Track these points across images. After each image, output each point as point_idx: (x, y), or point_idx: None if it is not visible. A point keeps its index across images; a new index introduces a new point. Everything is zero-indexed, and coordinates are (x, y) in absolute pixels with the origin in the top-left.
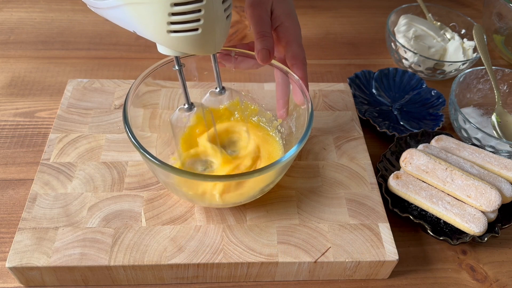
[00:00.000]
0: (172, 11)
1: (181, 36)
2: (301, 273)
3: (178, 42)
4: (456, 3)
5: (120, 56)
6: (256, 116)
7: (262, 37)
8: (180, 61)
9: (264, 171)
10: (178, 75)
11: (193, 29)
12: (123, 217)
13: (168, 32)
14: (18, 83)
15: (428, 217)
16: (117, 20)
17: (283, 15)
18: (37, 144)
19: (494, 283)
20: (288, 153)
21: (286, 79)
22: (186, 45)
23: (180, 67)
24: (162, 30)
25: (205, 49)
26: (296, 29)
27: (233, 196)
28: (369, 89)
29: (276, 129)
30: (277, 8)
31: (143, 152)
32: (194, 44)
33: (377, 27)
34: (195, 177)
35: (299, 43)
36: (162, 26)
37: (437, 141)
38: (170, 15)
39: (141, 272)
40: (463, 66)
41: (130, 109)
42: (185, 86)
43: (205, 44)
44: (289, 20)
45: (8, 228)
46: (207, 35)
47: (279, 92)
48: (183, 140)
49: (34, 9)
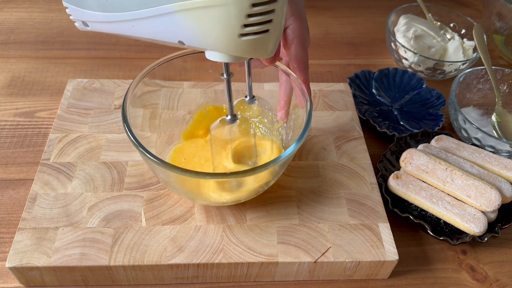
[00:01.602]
0: (250, 12)
1: (252, 39)
2: (301, 273)
3: (245, 46)
4: (456, 3)
5: (120, 56)
6: (258, 117)
7: None
8: (229, 69)
9: (262, 169)
10: (225, 84)
11: (265, 31)
12: (123, 217)
13: (239, 36)
14: (18, 83)
15: (428, 217)
16: (151, 32)
17: (292, 17)
18: (37, 144)
19: (494, 283)
20: (287, 151)
21: (289, 81)
22: (251, 48)
23: (229, 76)
24: (233, 34)
25: (266, 51)
26: (304, 32)
27: (232, 194)
28: (369, 89)
29: (277, 131)
30: (288, 9)
31: (142, 150)
32: (260, 47)
33: (377, 27)
34: (194, 175)
35: (304, 47)
36: (234, 29)
37: (437, 141)
38: (247, 16)
39: (141, 272)
40: (463, 66)
41: (129, 108)
42: (231, 96)
43: (268, 45)
44: (298, 22)
45: (8, 228)
46: (274, 35)
47: (281, 92)
48: None
49: (34, 9)
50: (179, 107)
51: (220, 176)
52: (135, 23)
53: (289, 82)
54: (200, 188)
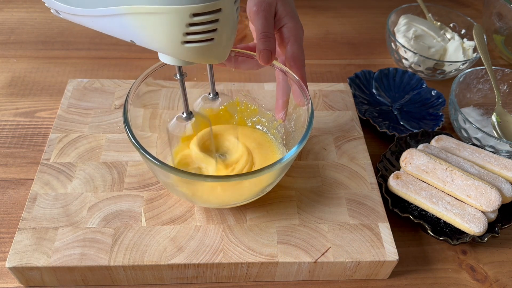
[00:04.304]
0: (190, 21)
1: (195, 47)
2: (301, 273)
3: (190, 53)
4: (456, 3)
5: (120, 56)
6: (256, 116)
7: (265, 38)
8: (182, 70)
9: (264, 172)
10: (179, 84)
11: (209, 39)
12: (123, 217)
13: (182, 43)
14: (19, 83)
15: (428, 217)
16: (107, 29)
17: (287, 17)
18: (37, 144)
19: (494, 283)
20: (288, 154)
21: (286, 79)
22: (197, 55)
23: (182, 76)
24: (176, 40)
25: (215, 58)
26: (300, 31)
27: (233, 197)
28: (369, 89)
29: (276, 129)
30: (281, 9)
31: (143, 153)
32: (206, 54)
33: (377, 27)
34: (195, 177)
35: (300, 45)
36: (176, 37)
37: (437, 141)
38: (188, 26)
39: (141, 272)
40: (463, 66)
41: (130, 109)
42: (185, 95)
43: (216, 52)
44: (293, 21)
45: (8, 228)
46: (220, 43)
47: (279, 92)
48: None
49: (35, 9)
50: (179, 107)
51: (220, 178)
52: (94, 19)
53: (286, 81)
54: (199, 191)
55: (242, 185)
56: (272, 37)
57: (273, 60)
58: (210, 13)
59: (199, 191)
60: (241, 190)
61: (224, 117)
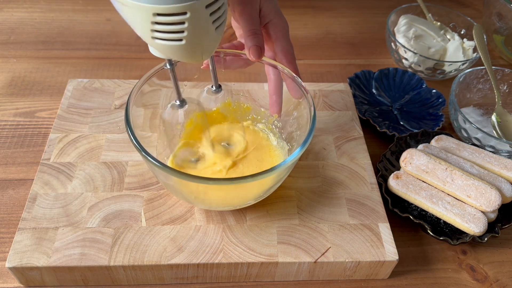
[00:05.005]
0: (155, 20)
1: (164, 44)
2: (301, 273)
3: (161, 48)
4: (456, 3)
5: (120, 56)
6: (250, 114)
7: (253, 35)
8: (172, 60)
9: (266, 174)
10: (170, 73)
11: (177, 39)
12: (123, 217)
13: (152, 38)
14: (18, 83)
15: (428, 217)
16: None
17: (272, 13)
18: (37, 144)
19: (494, 283)
20: (290, 156)
21: (278, 74)
22: (170, 52)
23: (172, 66)
24: (148, 33)
25: (190, 58)
26: (285, 25)
27: (234, 199)
28: (369, 89)
29: (272, 124)
30: (265, 6)
31: (144, 155)
32: (179, 53)
33: (377, 27)
34: (195, 179)
35: (287, 39)
36: (147, 30)
37: (437, 141)
38: (154, 23)
39: (141, 272)
40: (463, 66)
41: (132, 109)
42: (177, 83)
43: (191, 53)
44: (278, 17)
45: (8, 228)
46: (193, 45)
47: (271, 88)
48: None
49: (35, 9)
50: None
51: (221, 181)
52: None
53: (278, 75)
54: (199, 192)
55: (244, 187)
56: (260, 33)
57: (263, 55)
58: (175, 15)
59: (200, 193)
60: (243, 192)
61: (218, 119)
